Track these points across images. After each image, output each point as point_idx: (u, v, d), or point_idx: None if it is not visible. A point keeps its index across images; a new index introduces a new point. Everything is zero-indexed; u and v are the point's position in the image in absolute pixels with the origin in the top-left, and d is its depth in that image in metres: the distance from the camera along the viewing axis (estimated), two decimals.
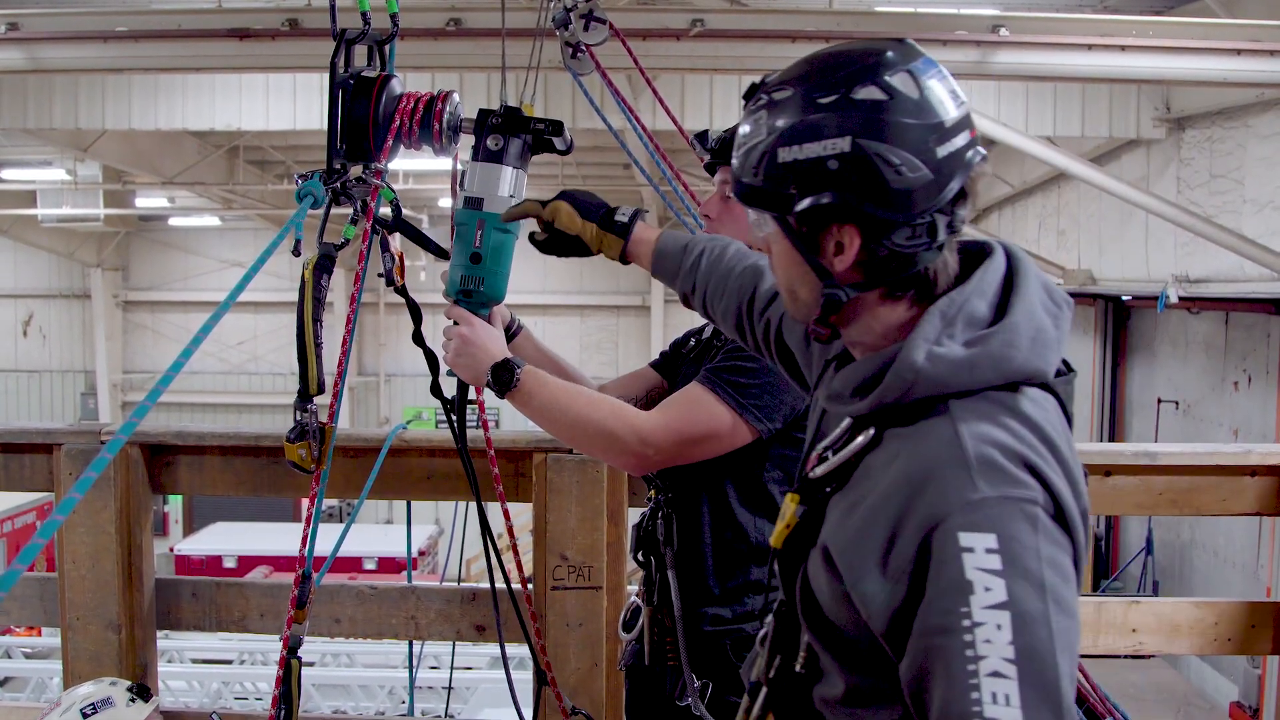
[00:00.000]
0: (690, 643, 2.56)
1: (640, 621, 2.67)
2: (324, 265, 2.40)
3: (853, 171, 1.49)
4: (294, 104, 12.72)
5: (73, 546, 3.59)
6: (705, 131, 2.66)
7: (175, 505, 24.57)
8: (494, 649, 9.74)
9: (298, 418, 2.45)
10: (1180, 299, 11.22)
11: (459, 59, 8.02)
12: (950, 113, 1.51)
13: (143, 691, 3.12)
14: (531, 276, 24.56)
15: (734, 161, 1.64)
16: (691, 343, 2.85)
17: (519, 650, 2.89)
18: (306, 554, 2.46)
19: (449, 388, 2.58)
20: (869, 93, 1.49)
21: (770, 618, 1.78)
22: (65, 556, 3.60)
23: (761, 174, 1.57)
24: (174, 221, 25.62)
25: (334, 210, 2.46)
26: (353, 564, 16.49)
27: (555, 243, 2.38)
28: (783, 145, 1.53)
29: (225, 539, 18.90)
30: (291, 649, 2.52)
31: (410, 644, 4.25)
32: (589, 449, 2.54)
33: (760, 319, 2.13)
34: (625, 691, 2.90)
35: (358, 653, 11.88)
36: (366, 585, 3.79)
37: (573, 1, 3.60)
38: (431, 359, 2.62)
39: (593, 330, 25.82)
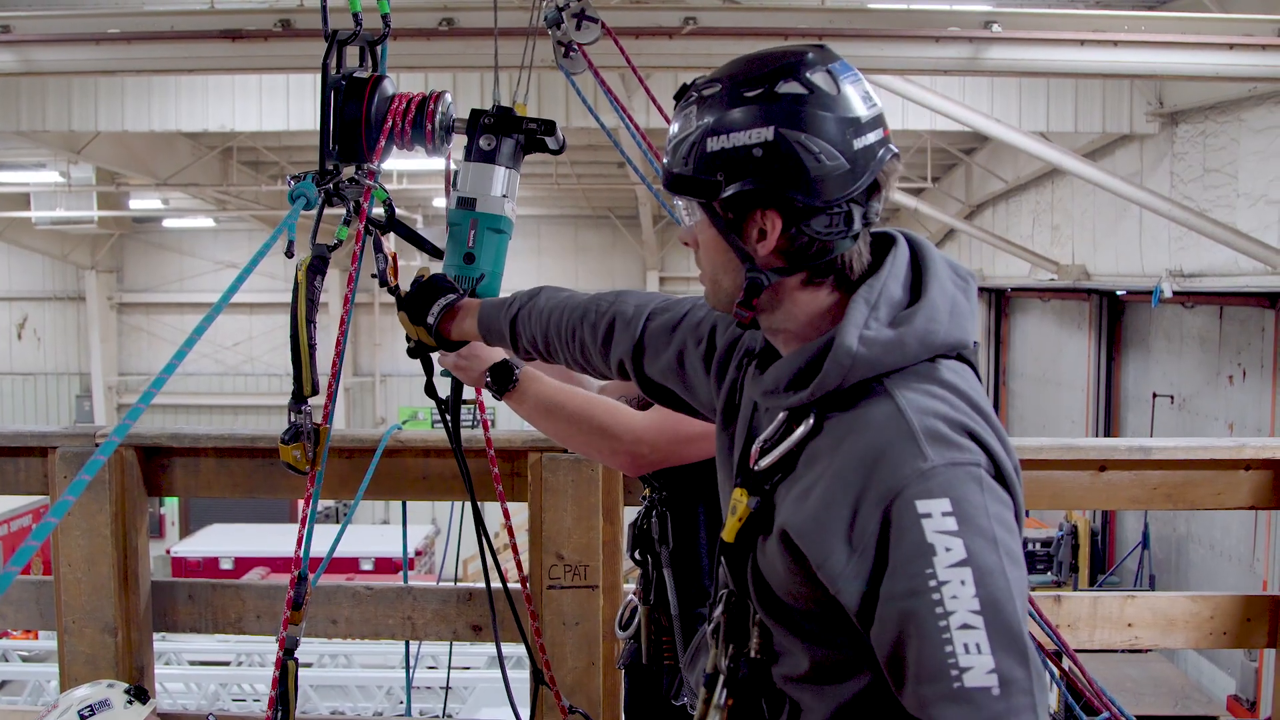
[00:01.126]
0: (686, 641, 2.57)
1: (637, 620, 2.67)
2: (317, 267, 2.40)
3: (776, 159, 1.58)
4: (287, 105, 12.71)
5: (69, 549, 3.59)
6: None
7: (171, 507, 24.57)
8: (491, 649, 9.75)
9: (292, 419, 2.45)
10: (1175, 293, 11.23)
11: (452, 58, 8.02)
12: (864, 110, 1.62)
13: (140, 694, 3.12)
14: (525, 274, 24.55)
15: (665, 156, 1.72)
16: None
17: (516, 650, 2.90)
18: (302, 555, 2.46)
19: (443, 388, 2.58)
20: (791, 87, 1.60)
21: (718, 611, 1.85)
22: (61, 559, 3.60)
23: (691, 163, 1.65)
24: (168, 223, 25.60)
25: (328, 210, 2.46)
26: (349, 565, 16.48)
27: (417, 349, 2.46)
28: (711, 135, 1.62)
29: (221, 541, 18.89)
30: (288, 650, 2.52)
31: (407, 644, 4.26)
32: (584, 449, 2.55)
33: (616, 363, 2.15)
34: (624, 690, 2.90)
35: (355, 653, 11.87)
36: (363, 586, 3.79)
37: (565, 1, 3.60)
38: (426, 360, 2.62)
39: None
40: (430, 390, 2.67)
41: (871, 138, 1.62)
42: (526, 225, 23.49)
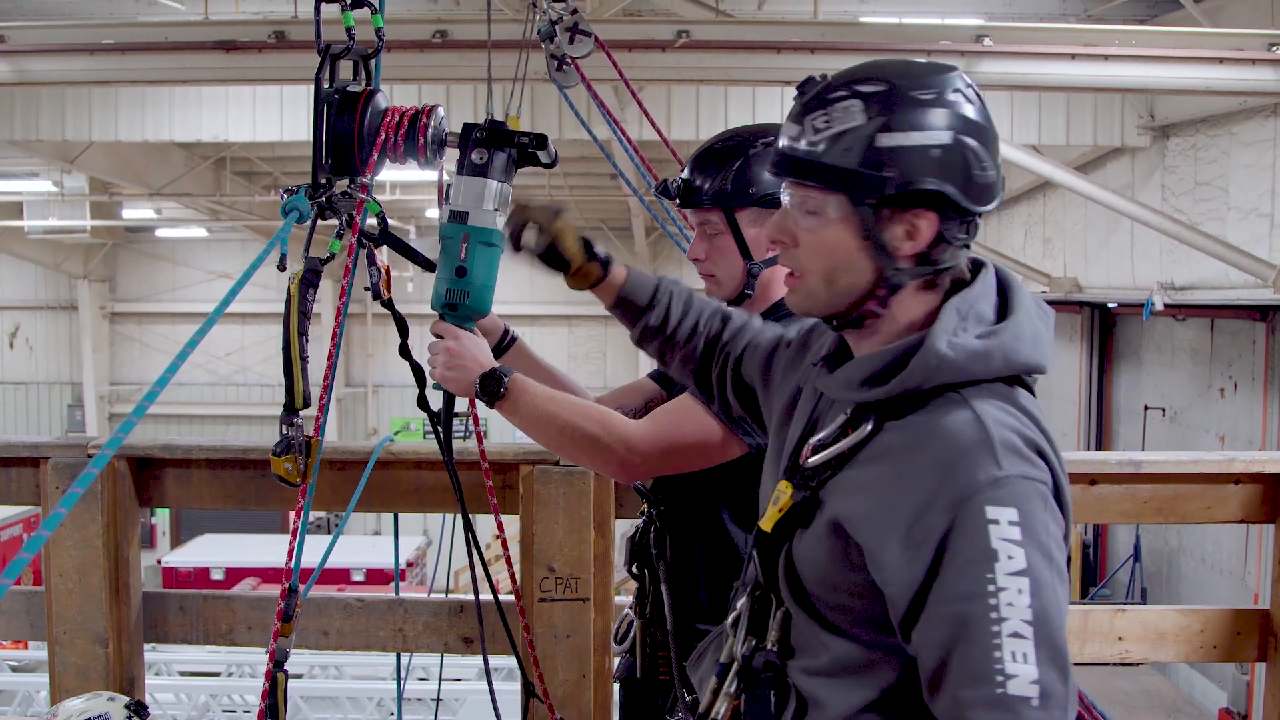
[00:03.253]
0: (682, 656, 2.54)
1: (633, 634, 2.67)
2: (310, 280, 2.40)
3: (951, 161, 1.64)
4: (280, 115, 12.73)
5: (60, 560, 3.59)
6: (665, 181, 2.64)
7: (163, 517, 24.49)
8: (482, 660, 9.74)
9: (284, 431, 2.45)
10: (1166, 306, 11.25)
11: (445, 71, 8.05)
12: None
13: (140, 709, 3.06)
14: (518, 287, 24.54)
15: (801, 144, 1.70)
16: None
17: (507, 662, 2.90)
18: (293, 567, 2.46)
19: (435, 400, 2.58)
20: (958, 96, 1.66)
21: (741, 601, 1.89)
22: (52, 570, 3.59)
23: (855, 155, 1.64)
24: (161, 233, 25.57)
25: (321, 223, 2.46)
26: (340, 575, 16.44)
27: (547, 256, 2.40)
28: (885, 131, 1.64)
29: (213, 551, 18.83)
30: (277, 662, 2.52)
31: (399, 656, 4.25)
32: (576, 457, 2.54)
33: (721, 353, 2.28)
34: (619, 704, 2.89)
35: (346, 664, 11.84)
36: (354, 597, 3.79)
37: (558, 14, 3.61)
38: (418, 372, 2.63)
39: (581, 340, 25.80)
40: (422, 403, 2.68)
41: (1001, 156, 1.71)
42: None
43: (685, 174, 2.60)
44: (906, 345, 1.66)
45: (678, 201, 2.64)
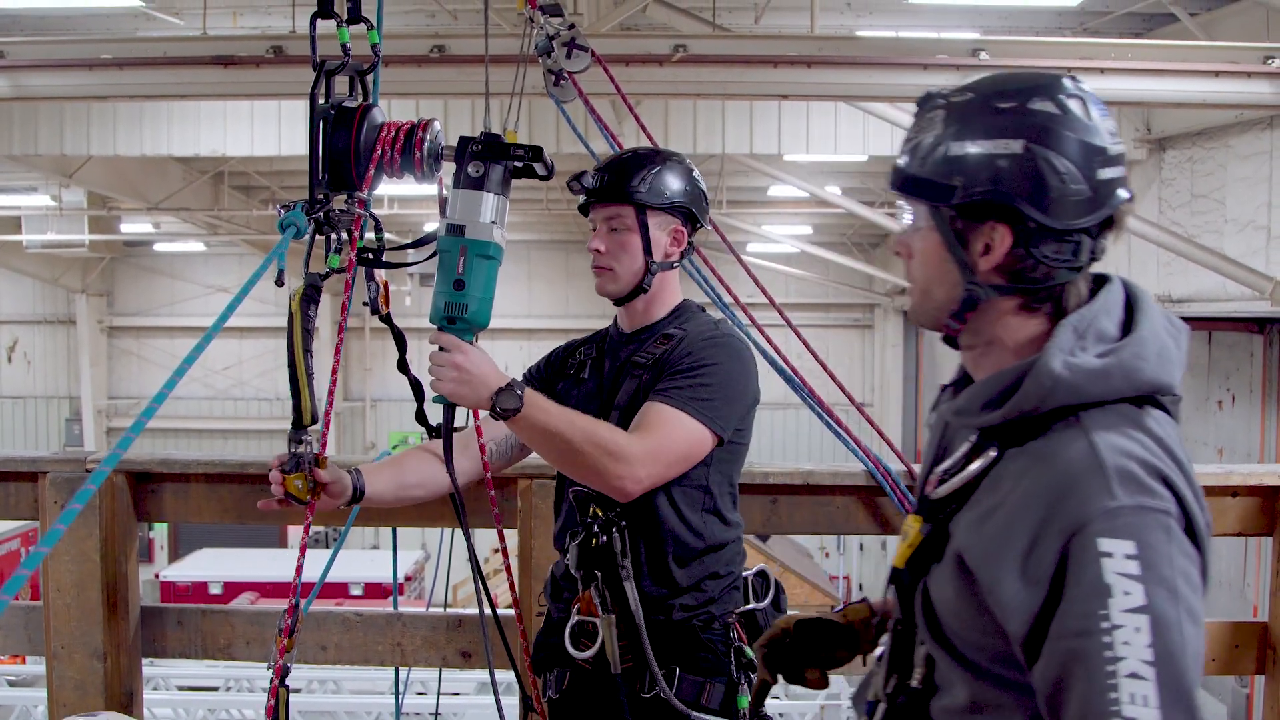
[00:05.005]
0: (658, 635, 2.67)
1: (600, 634, 2.69)
2: (311, 296, 2.41)
3: (1020, 172, 1.58)
4: (279, 130, 12.75)
5: (57, 575, 3.58)
6: (584, 172, 2.75)
7: (161, 531, 24.43)
8: (481, 675, 9.72)
9: (293, 449, 2.45)
10: None
11: (443, 86, 8.06)
12: (1111, 144, 1.61)
13: None
14: (516, 300, 24.60)
15: (901, 158, 1.71)
16: (579, 356, 2.95)
17: (505, 675, 2.89)
18: (296, 585, 2.47)
19: (433, 414, 2.59)
20: (1045, 105, 1.59)
21: (886, 637, 1.86)
22: (50, 585, 3.59)
23: (929, 165, 1.65)
24: (159, 247, 25.56)
25: (319, 238, 2.46)
26: (339, 589, 16.40)
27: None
28: (956, 140, 1.62)
29: (210, 565, 18.78)
30: (280, 678, 2.52)
31: (397, 670, 4.24)
32: (583, 473, 2.56)
33: None
34: (579, 693, 2.88)
35: (344, 679, 11.82)
36: (353, 612, 3.78)
37: (555, 29, 3.62)
38: (417, 387, 2.63)
39: None
40: (421, 417, 2.68)
41: (1114, 173, 1.60)
42: (517, 251, 23.48)
43: (599, 174, 2.78)
44: (1024, 367, 1.60)
45: (590, 194, 2.79)
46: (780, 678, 2.17)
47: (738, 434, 2.74)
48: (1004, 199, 1.58)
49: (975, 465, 1.64)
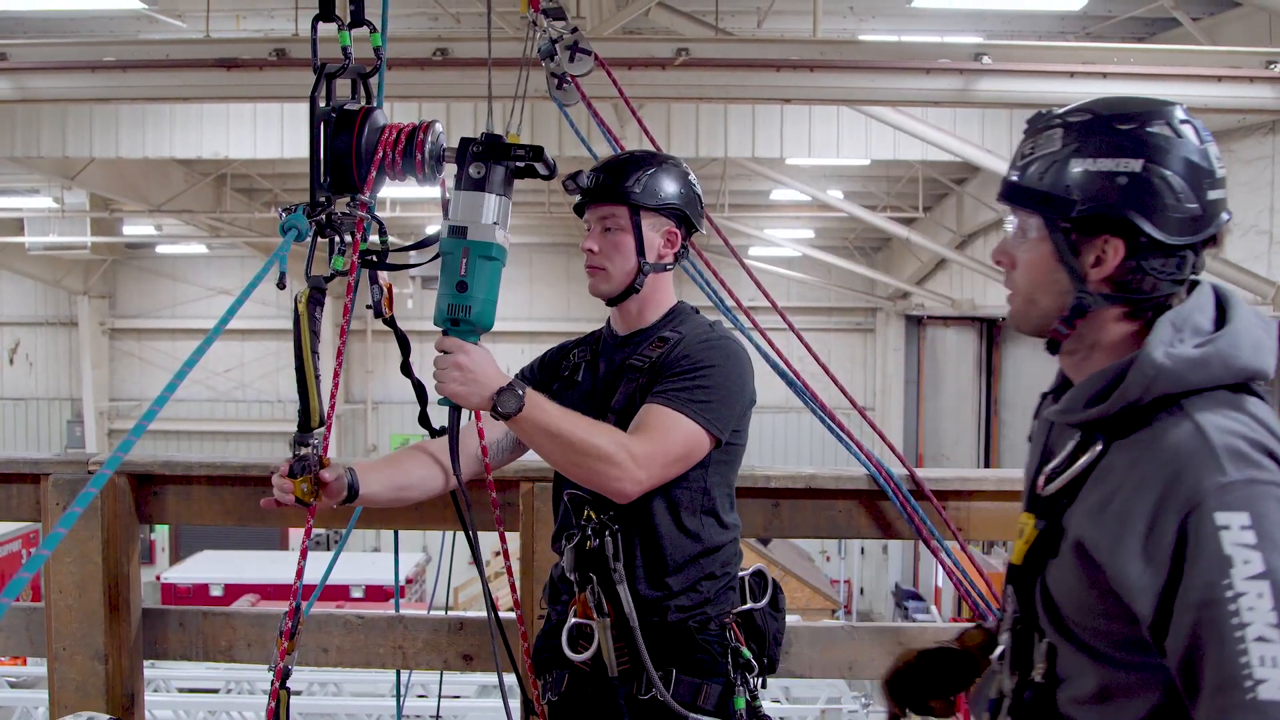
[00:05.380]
0: (654, 637, 2.69)
1: (596, 637, 2.70)
2: (316, 298, 2.41)
3: (1139, 189, 1.68)
4: (281, 133, 12.76)
5: (59, 576, 3.58)
6: (579, 172, 2.75)
7: (162, 533, 24.43)
8: (481, 678, 9.71)
9: (299, 452, 2.45)
10: None
11: (446, 89, 8.07)
12: (1218, 168, 1.73)
13: None
14: (518, 303, 24.60)
15: (1014, 171, 1.81)
16: (573, 359, 2.98)
17: (506, 678, 2.88)
18: (297, 587, 2.47)
19: (437, 416, 2.59)
20: (1161, 128, 1.70)
21: (1006, 635, 1.91)
22: (52, 586, 3.59)
23: (1047, 179, 1.74)
24: (161, 249, 25.59)
25: (321, 240, 2.46)
26: (340, 592, 16.38)
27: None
28: (1078, 156, 1.72)
29: (212, 567, 18.76)
30: (281, 680, 2.52)
31: (398, 673, 4.24)
32: (584, 474, 2.56)
33: None
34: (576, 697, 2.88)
35: (345, 681, 11.81)
36: (354, 614, 3.78)
37: (558, 33, 3.63)
38: (420, 390, 2.63)
39: None
40: (424, 420, 2.68)
41: (1219, 194, 1.72)
42: (519, 253, 23.48)
43: (594, 174, 2.80)
44: (1125, 363, 1.69)
45: (585, 194, 2.81)
46: (908, 710, 2.25)
47: (735, 435, 2.76)
48: (1121, 214, 1.68)
49: (1083, 460, 1.72)
